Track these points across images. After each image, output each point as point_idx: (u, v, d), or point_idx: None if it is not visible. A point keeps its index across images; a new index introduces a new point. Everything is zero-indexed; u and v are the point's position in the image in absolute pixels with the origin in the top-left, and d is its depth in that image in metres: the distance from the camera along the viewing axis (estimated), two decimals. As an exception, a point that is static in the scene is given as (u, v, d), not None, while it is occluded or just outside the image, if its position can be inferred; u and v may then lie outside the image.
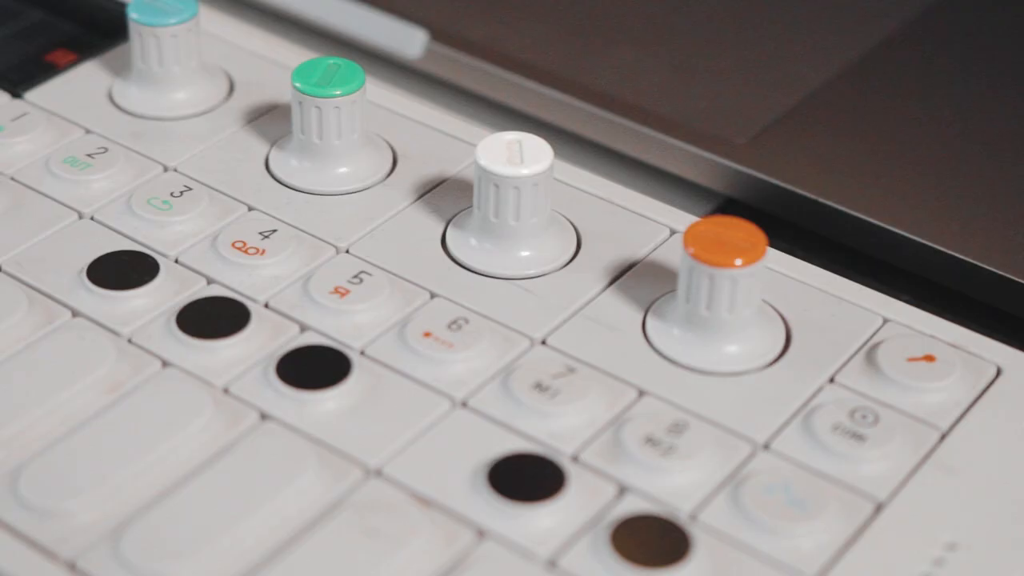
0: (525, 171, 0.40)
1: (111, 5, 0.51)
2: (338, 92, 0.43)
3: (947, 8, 0.53)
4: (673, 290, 0.40)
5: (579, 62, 0.50)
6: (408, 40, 0.51)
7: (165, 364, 0.39)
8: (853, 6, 0.53)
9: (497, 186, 0.41)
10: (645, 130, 0.48)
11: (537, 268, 0.41)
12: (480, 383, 0.38)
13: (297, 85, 0.43)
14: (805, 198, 0.46)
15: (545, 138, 0.42)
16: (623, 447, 0.36)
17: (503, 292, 0.41)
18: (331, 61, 0.44)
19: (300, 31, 0.53)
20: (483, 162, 0.41)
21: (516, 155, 0.41)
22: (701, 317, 0.39)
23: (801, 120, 0.48)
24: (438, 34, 0.51)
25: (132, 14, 0.46)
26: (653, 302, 0.41)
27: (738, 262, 0.38)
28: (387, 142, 0.45)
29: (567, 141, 0.49)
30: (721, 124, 0.48)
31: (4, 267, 0.41)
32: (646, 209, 0.44)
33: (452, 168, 0.45)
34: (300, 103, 0.43)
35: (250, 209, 0.43)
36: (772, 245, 0.40)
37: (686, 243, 0.38)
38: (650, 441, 0.36)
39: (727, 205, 0.47)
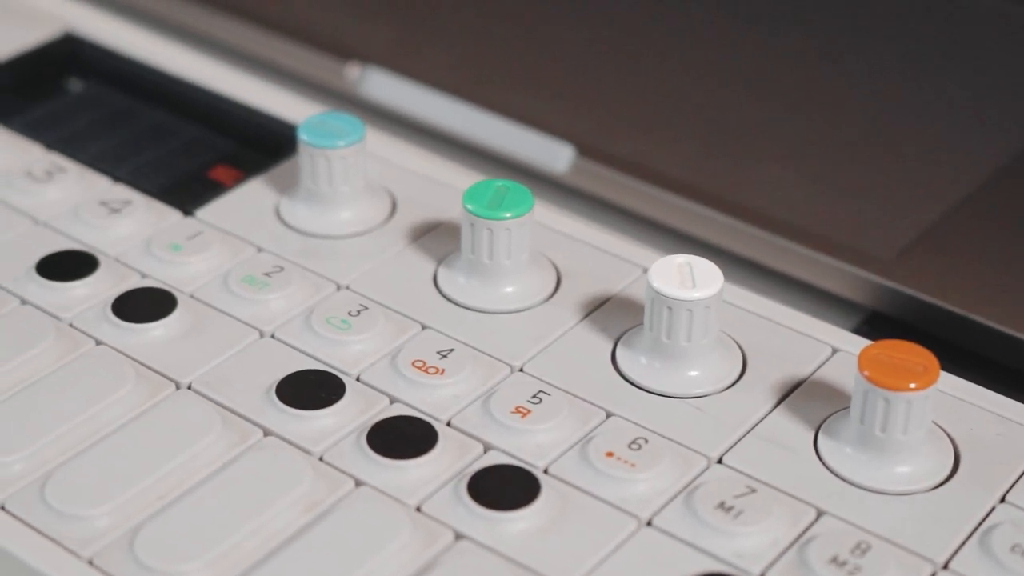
0: (698, 294, 0.42)
1: (269, 122, 0.53)
2: (509, 215, 0.45)
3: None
4: (841, 409, 0.42)
5: (724, 177, 0.52)
6: (555, 155, 0.53)
7: (358, 483, 0.40)
8: (996, 114, 0.54)
9: (670, 308, 0.42)
10: (792, 245, 0.49)
11: (706, 387, 0.43)
12: (663, 502, 0.40)
13: (469, 207, 0.45)
14: (951, 313, 0.47)
15: (691, 252, 0.43)
16: (810, 568, 0.38)
17: (676, 411, 0.42)
18: (499, 183, 0.45)
19: (450, 146, 0.55)
20: (656, 285, 0.42)
21: (687, 278, 0.42)
22: (876, 438, 0.40)
23: (947, 233, 0.49)
24: (584, 149, 0.53)
25: (303, 136, 0.48)
26: (823, 421, 0.42)
27: (913, 385, 0.39)
28: (550, 260, 0.47)
29: (713, 255, 0.50)
30: (868, 239, 0.49)
31: (194, 386, 0.43)
32: (805, 327, 0.45)
33: (615, 287, 0.46)
34: (471, 224, 0.45)
35: (424, 327, 0.45)
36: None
37: (861, 366, 0.40)
38: (835, 561, 0.38)
39: (872, 318, 0.49)
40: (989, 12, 0.60)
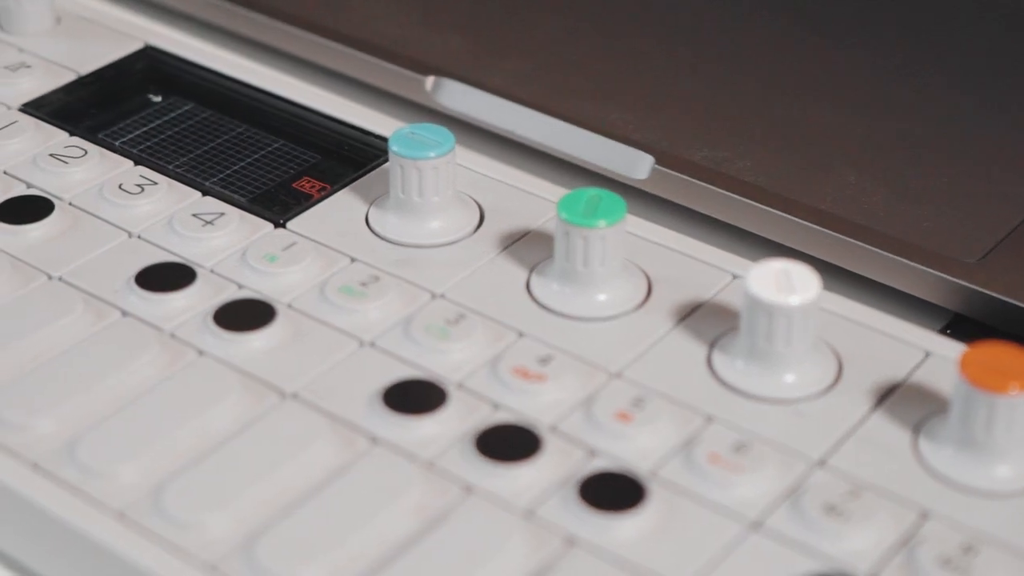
0: (797, 300, 0.43)
1: (351, 133, 0.54)
2: (603, 223, 0.45)
3: None
4: (938, 411, 0.42)
5: (802, 184, 0.52)
6: (635, 164, 0.53)
7: (468, 488, 0.41)
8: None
9: (769, 314, 0.43)
10: (875, 250, 0.49)
11: (803, 391, 0.43)
12: (770, 505, 0.40)
13: (564, 216, 0.45)
14: (1036, 315, 0.47)
15: (770, 256, 0.44)
16: (922, 569, 0.38)
17: (775, 415, 0.43)
18: (592, 192, 0.46)
19: (525, 154, 0.55)
20: (755, 291, 0.43)
21: (785, 284, 0.43)
22: (977, 441, 0.41)
23: (1029, 237, 0.50)
24: (663, 158, 0.53)
25: (394, 147, 0.48)
26: (922, 423, 0.42)
27: (1014, 388, 0.40)
28: (640, 268, 0.48)
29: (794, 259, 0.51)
30: (951, 243, 0.49)
31: (299, 395, 0.43)
32: (895, 330, 0.46)
33: (706, 293, 0.47)
34: (566, 233, 0.45)
35: (520, 334, 0.45)
36: None
37: (962, 369, 0.40)
38: (948, 563, 0.38)
39: (956, 321, 0.49)
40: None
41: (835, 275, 0.50)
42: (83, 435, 0.42)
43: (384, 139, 0.53)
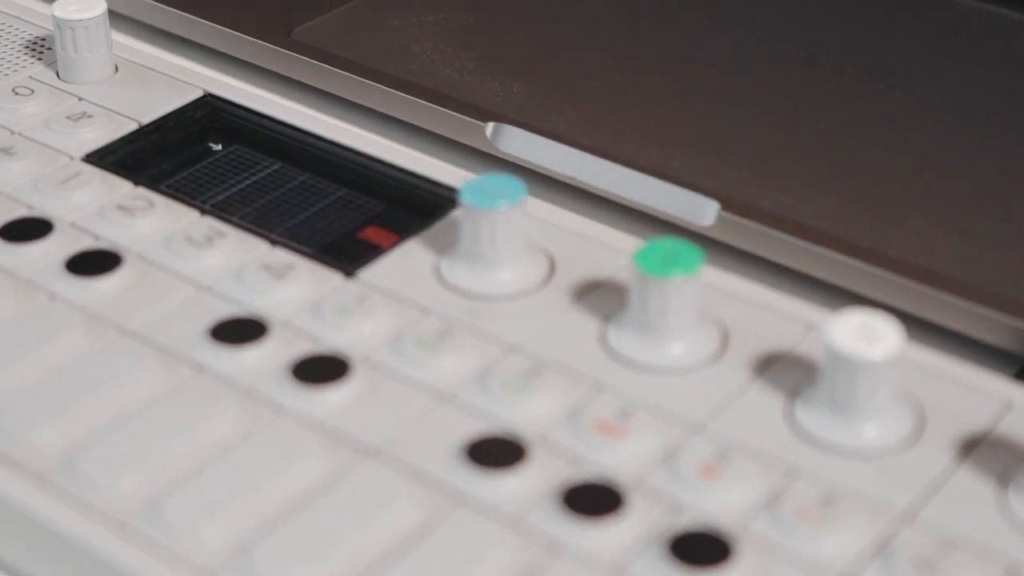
0: (880, 355, 0.42)
1: (416, 181, 0.54)
2: (679, 274, 0.45)
3: None
4: (1022, 461, 0.42)
5: (869, 229, 0.52)
6: (700, 210, 0.53)
7: (555, 545, 0.40)
8: None
9: (852, 368, 0.42)
10: (944, 296, 0.49)
11: (886, 442, 0.43)
12: (859, 560, 0.40)
13: (640, 268, 0.45)
14: (1109, 362, 0.47)
15: (838, 303, 0.43)
16: (1018, 626, 0.38)
17: (860, 468, 0.43)
18: (667, 243, 0.46)
19: (592, 201, 0.55)
20: (837, 345, 0.43)
21: (867, 336, 0.43)
22: (1068, 494, 0.41)
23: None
24: (728, 204, 0.53)
25: (466, 199, 0.48)
26: (1006, 474, 0.42)
27: (1105, 441, 0.40)
28: (712, 317, 0.47)
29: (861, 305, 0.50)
30: (1021, 289, 0.49)
31: (383, 451, 0.43)
32: (973, 377, 0.45)
33: (782, 344, 0.47)
34: (643, 285, 0.45)
35: (599, 387, 0.45)
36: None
37: (1050, 424, 0.40)
38: (1043, 619, 0.38)
39: (1030, 367, 0.49)
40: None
41: (902, 321, 0.50)
42: (167, 494, 0.42)
43: (448, 187, 0.53)
